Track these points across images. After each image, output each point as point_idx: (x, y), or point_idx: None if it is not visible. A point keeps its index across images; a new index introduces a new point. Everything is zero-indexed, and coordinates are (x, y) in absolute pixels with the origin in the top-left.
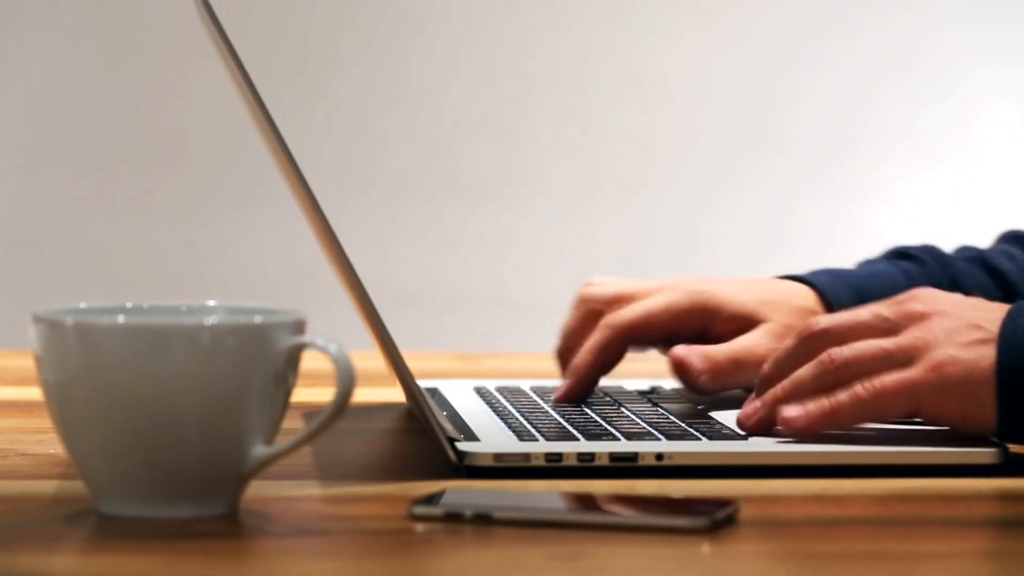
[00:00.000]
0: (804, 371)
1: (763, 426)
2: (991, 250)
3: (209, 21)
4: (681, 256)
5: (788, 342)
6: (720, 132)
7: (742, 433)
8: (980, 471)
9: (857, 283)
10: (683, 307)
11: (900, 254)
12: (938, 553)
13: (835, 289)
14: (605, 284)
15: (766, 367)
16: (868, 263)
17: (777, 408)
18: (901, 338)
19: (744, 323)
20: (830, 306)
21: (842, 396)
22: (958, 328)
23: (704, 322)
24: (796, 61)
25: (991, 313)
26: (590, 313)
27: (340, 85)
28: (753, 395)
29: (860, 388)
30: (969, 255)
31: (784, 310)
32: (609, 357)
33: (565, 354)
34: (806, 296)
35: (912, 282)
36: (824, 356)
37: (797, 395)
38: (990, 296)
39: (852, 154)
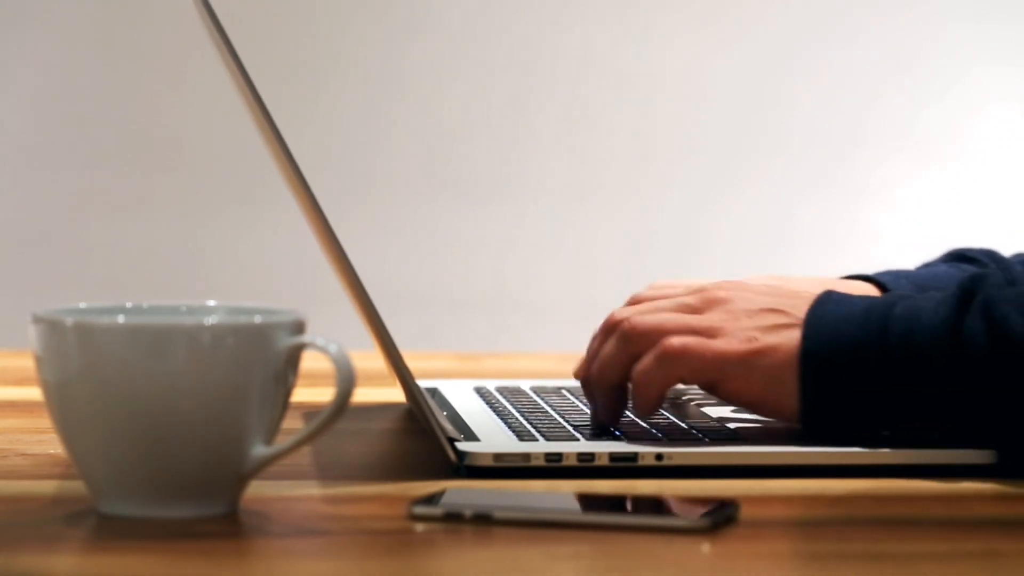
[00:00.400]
0: (606, 347)
1: (607, 421)
2: None
3: (209, 21)
4: (681, 256)
5: (593, 340)
6: (719, 132)
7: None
8: (978, 471)
9: (918, 280)
10: None
11: (959, 256)
12: (938, 553)
13: (897, 285)
14: (672, 284)
15: (577, 368)
16: (927, 265)
17: (597, 393)
18: (703, 316)
19: None
20: None
21: (646, 357)
22: (760, 312)
23: None
24: (796, 61)
25: (794, 299)
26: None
27: (340, 85)
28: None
29: (666, 341)
30: None
31: None
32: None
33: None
34: (868, 290)
35: None
36: (624, 324)
37: (605, 370)
38: None
39: (852, 154)
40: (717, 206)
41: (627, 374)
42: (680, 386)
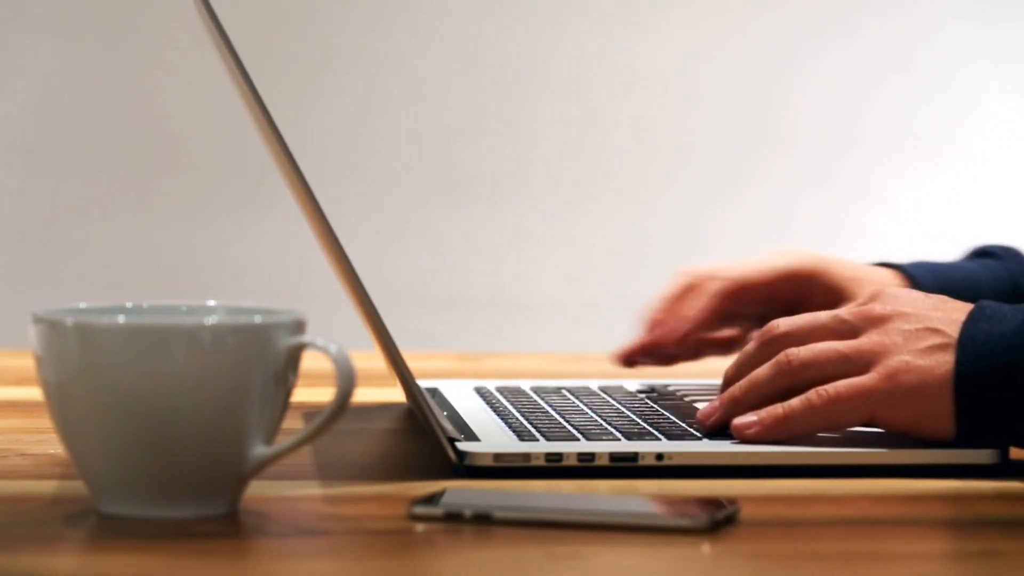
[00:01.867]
0: (761, 371)
1: (720, 425)
2: None
3: (209, 21)
4: (681, 256)
5: (750, 345)
6: (719, 132)
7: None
8: (980, 471)
9: (940, 271)
10: (786, 269)
11: (980, 252)
12: (938, 553)
13: (919, 273)
14: (705, 264)
15: (729, 368)
16: (955, 263)
17: (734, 408)
18: (858, 341)
19: (837, 295)
20: (917, 286)
21: (795, 403)
22: (917, 332)
23: (801, 288)
24: (795, 60)
25: (952, 315)
26: (689, 285)
27: (340, 85)
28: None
29: (813, 394)
30: None
31: (873, 288)
32: (718, 306)
33: (657, 314)
34: (893, 276)
35: (990, 274)
36: (781, 357)
37: (753, 394)
38: None
39: (851, 153)
40: (717, 206)
41: (777, 402)
42: (683, 382)
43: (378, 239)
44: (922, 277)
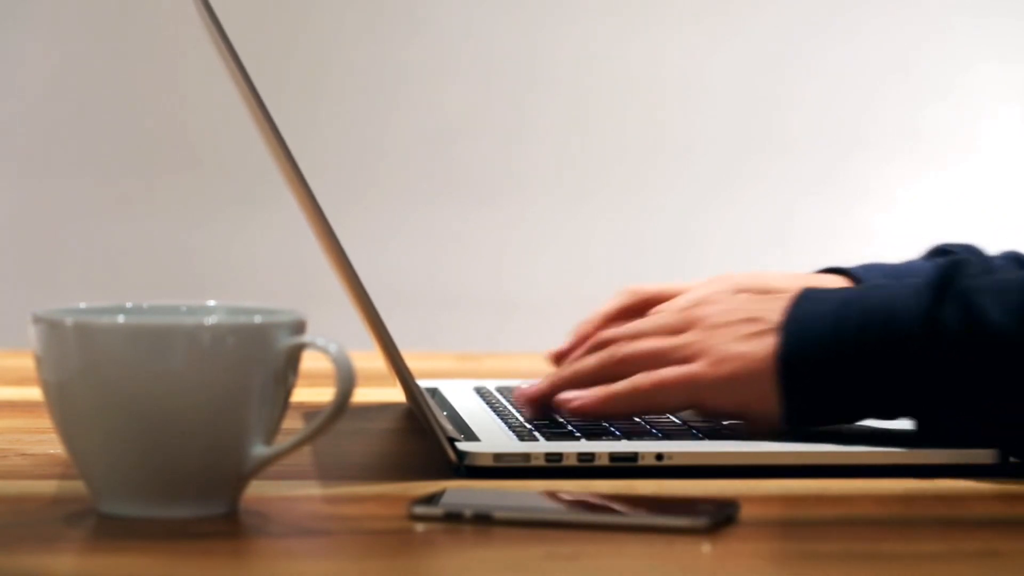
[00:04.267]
0: (587, 360)
1: (540, 401)
2: None
3: (209, 21)
4: (680, 257)
5: (579, 351)
6: (719, 132)
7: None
8: (980, 471)
9: (894, 273)
10: None
11: (939, 251)
12: (938, 553)
13: (868, 276)
14: (652, 284)
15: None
16: (910, 262)
17: (556, 388)
18: (681, 338)
19: None
20: None
21: (620, 384)
22: (736, 323)
23: None
24: (796, 61)
25: (772, 303)
26: (628, 306)
27: (340, 85)
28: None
29: (640, 376)
30: (1008, 256)
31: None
32: None
33: (585, 326)
34: (841, 284)
35: None
36: (606, 352)
37: (577, 379)
38: None
39: (852, 154)
40: (716, 206)
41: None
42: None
43: (378, 239)
44: (871, 280)
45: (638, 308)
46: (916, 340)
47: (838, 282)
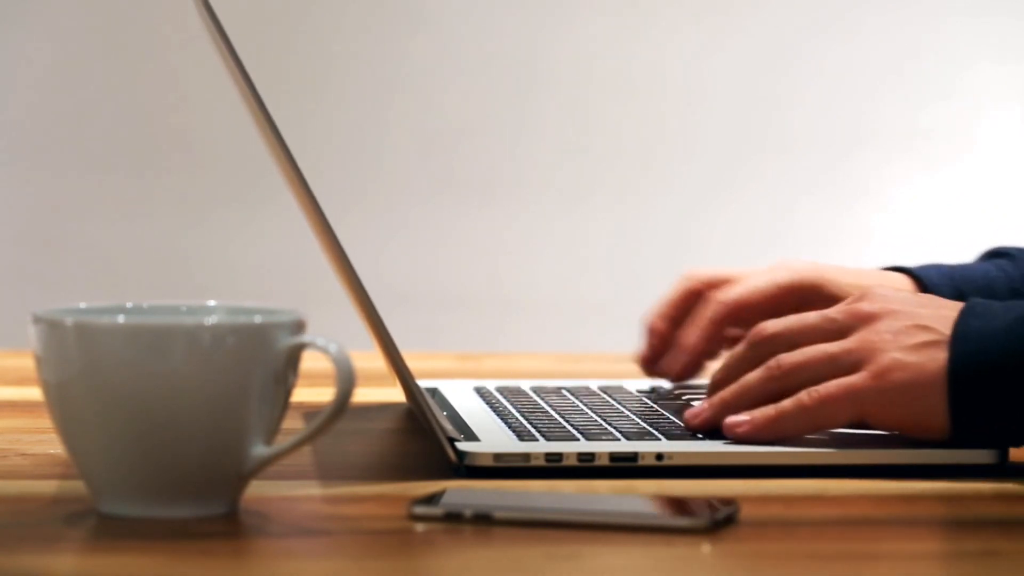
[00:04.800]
0: (751, 376)
1: (708, 427)
2: None
3: (209, 21)
4: (680, 256)
5: (739, 347)
6: (718, 132)
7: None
8: (980, 471)
9: (952, 273)
10: (788, 284)
11: (993, 253)
12: (938, 553)
13: (930, 275)
14: (708, 268)
15: (717, 372)
16: (965, 264)
17: (723, 411)
18: (848, 342)
19: None
20: (927, 291)
21: (786, 404)
22: (906, 329)
23: (805, 301)
24: (795, 61)
25: (942, 311)
26: (691, 291)
27: (340, 85)
28: (704, 398)
29: (804, 395)
30: None
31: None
32: (718, 332)
33: (657, 321)
34: (904, 282)
35: (1004, 275)
36: (772, 362)
37: (743, 399)
38: None
39: (852, 154)
40: (717, 206)
41: (764, 403)
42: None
43: (378, 239)
44: (934, 279)
45: (700, 294)
46: None
47: (902, 281)
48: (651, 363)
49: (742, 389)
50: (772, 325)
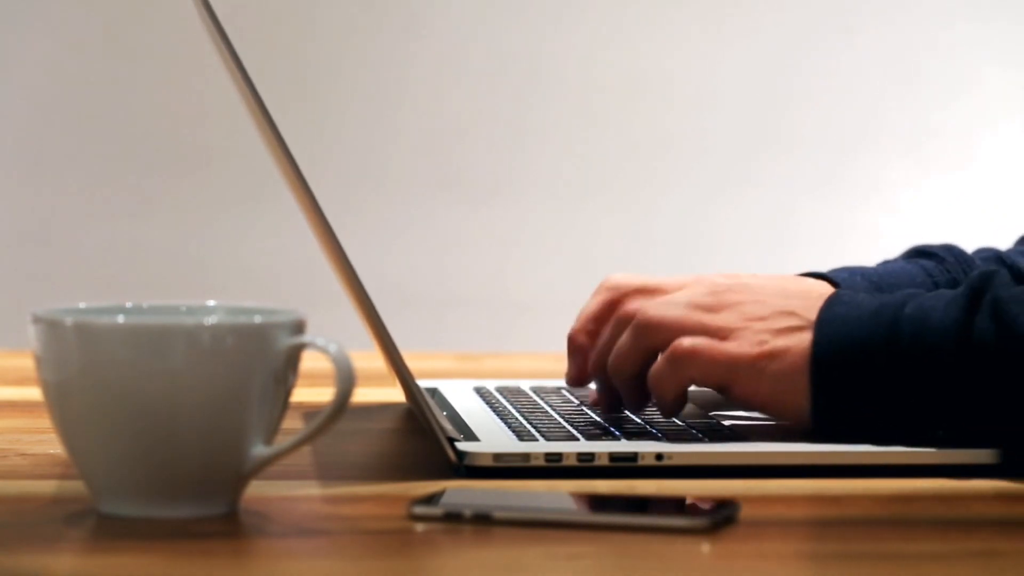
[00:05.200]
0: (623, 339)
1: (611, 406)
2: (1009, 250)
3: (209, 21)
4: (683, 257)
5: (607, 325)
6: (723, 133)
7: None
8: (980, 471)
9: (875, 278)
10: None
11: (919, 252)
12: (938, 553)
13: (853, 284)
14: (629, 275)
15: (592, 354)
16: (888, 262)
17: (602, 378)
18: (718, 316)
19: None
20: None
21: (658, 363)
22: (773, 314)
23: None
24: (802, 62)
25: (806, 301)
26: (612, 300)
27: (340, 85)
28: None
29: (676, 343)
30: (987, 255)
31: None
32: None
33: (579, 336)
34: (825, 291)
35: (930, 278)
36: (640, 317)
37: (619, 368)
38: None
39: (855, 155)
40: (720, 207)
41: (643, 366)
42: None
43: (378, 239)
44: (852, 284)
45: (620, 303)
46: (949, 350)
47: (819, 285)
48: (580, 381)
49: (614, 360)
50: (636, 302)
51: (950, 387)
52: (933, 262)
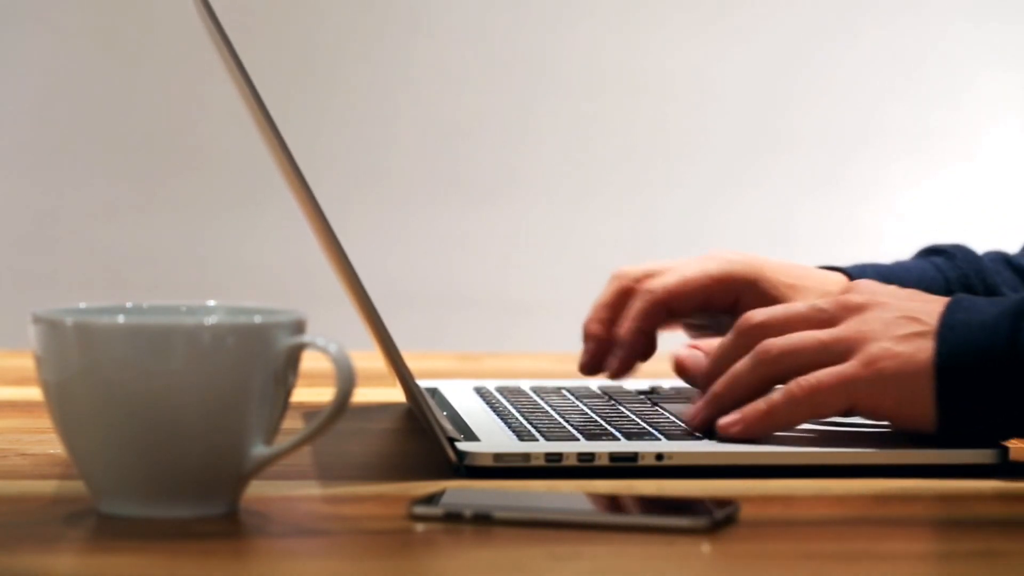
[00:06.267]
0: (741, 365)
1: (707, 424)
2: (1018, 254)
3: (209, 22)
4: (683, 257)
5: (727, 337)
6: (724, 133)
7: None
8: (979, 471)
9: (887, 273)
10: (719, 275)
11: (930, 251)
12: (938, 553)
13: (863, 275)
14: (638, 264)
15: (707, 364)
16: (900, 261)
17: (717, 404)
18: (837, 329)
19: (774, 301)
20: None
21: (776, 397)
22: (895, 320)
23: (737, 293)
24: (802, 62)
25: (928, 305)
26: (624, 289)
27: (341, 85)
28: (698, 393)
29: (794, 385)
30: (994, 256)
31: (815, 293)
32: (651, 324)
33: (592, 325)
34: (837, 282)
35: (941, 275)
36: (760, 348)
37: (735, 388)
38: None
39: (857, 156)
40: (721, 207)
41: (759, 393)
42: (681, 383)
43: (378, 239)
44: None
45: (632, 291)
46: None
47: (832, 276)
48: (592, 369)
49: (733, 379)
50: (760, 314)
51: None
52: (943, 259)
